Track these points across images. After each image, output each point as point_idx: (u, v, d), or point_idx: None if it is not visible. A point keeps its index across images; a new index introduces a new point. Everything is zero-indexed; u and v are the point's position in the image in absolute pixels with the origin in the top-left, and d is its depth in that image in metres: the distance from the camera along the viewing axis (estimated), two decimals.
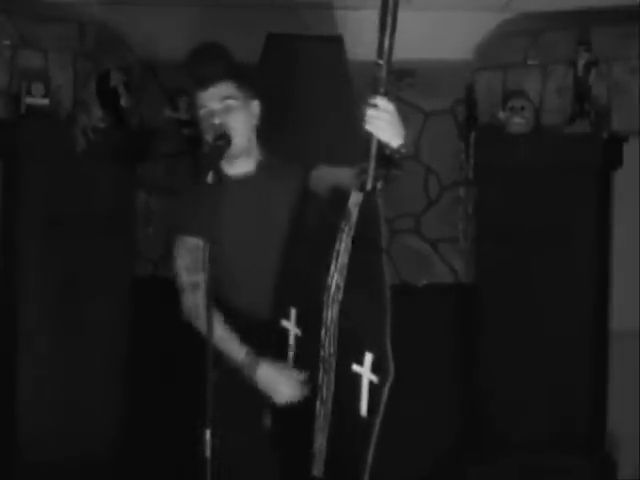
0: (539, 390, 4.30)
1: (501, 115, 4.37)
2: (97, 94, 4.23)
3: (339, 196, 2.45)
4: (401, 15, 2.28)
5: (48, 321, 4.15)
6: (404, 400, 4.30)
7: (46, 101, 4.12)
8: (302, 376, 2.57)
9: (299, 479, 2.60)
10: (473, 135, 4.42)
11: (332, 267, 2.41)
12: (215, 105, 2.62)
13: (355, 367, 2.35)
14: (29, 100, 4.09)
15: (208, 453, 2.37)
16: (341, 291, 2.39)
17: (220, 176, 2.52)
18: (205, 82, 2.62)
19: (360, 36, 4.26)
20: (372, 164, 2.33)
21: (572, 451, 4.28)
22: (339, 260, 2.39)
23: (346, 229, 2.39)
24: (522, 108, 4.33)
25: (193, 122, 4.40)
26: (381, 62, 2.27)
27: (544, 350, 4.29)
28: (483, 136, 4.42)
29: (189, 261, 2.65)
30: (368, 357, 2.31)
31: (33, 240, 4.14)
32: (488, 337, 4.39)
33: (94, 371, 4.21)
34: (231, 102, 2.63)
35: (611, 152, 4.27)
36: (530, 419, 4.31)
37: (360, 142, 2.39)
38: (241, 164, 2.70)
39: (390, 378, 2.28)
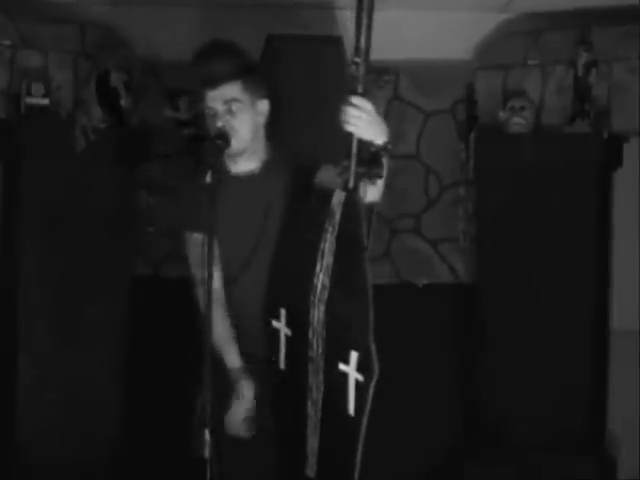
0: (539, 390, 4.30)
1: (501, 115, 4.37)
2: (97, 94, 4.23)
3: (325, 195, 2.44)
4: (401, 15, 2.29)
5: (48, 321, 4.15)
6: (404, 400, 4.31)
7: (46, 101, 4.11)
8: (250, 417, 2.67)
9: (293, 479, 2.60)
10: (473, 135, 4.42)
11: (318, 267, 2.41)
12: (219, 106, 2.62)
13: (342, 366, 2.34)
14: (29, 100, 4.09)
15: (207, 453, 2.37)
16: (327, 291, 2.39)
17: (220, 175, 2.52)
18: (210, 82, 2.61)
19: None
20: (353, 163, 2.31)
21: (572, 451, 4.28)
22: (324, 260, 2.39)
23: (330, 229, 2.39)
24: (522, 108, 4.33)
25: (193, 122, 4.45)
26: (358, 61, 2.23)
27: (544, 350, 4.29)
28: (483, 136, 4.42)
29: (198, 257, 2.62)
30: (354, 356, 2.30)
31: (33, 240, 4.14)
32: (488, 337, 4.39)
33: (94, 371, 4.21)
34: (234, 104, 2.63)
35: (611, 152, 4.27)
36: (530, 419, 4.31)
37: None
38: (245, 162, 2.71)
39: (375, 377, 2.25)
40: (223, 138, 2.58)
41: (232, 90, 2.62)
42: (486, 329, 4.40)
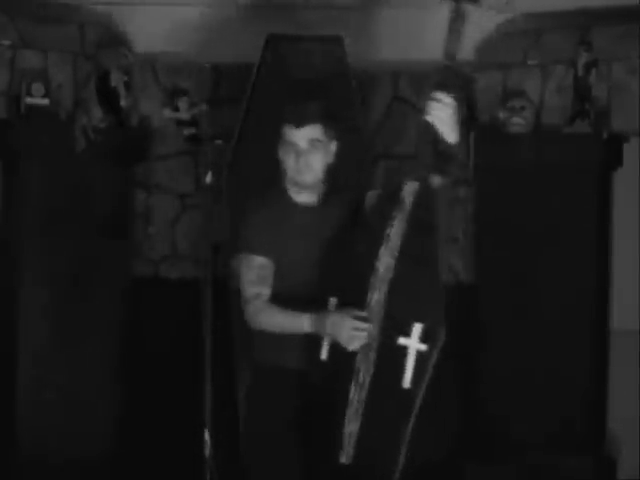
0: (539, 390, 4.30)
1: (501, 115, 4.37)
2: (97, 94, 4.24)
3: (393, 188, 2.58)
4: (402, 14, 2.30)
5: (48, 321, 4.15)
6: None
7: (46, 101, 4.13)
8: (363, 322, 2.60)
9: (326, 466, 2.59)
10: (473, 135, 4.43)
11: (382, 250, 2.50)
12: (302, 144, 2.75)
13: (401, 340, 2.44)
14: (29, 100, 4.10)
15: (207, 453, 2.38)
16: (391, 270, 2.49)
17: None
18: (297, 121, 2.75)
19: (361, 36, 4.27)
20: (428, 153, 2.49)
21: (572, 451, 4.28)
22: (390, 243, 2.51)
23: (399, 216, 2.51)
24: (522, 108, 4.33)
25: (193, 122, 4.44)
26: (449, 64, 2.54)
27: (544, 350, 4.29)
28: (483, 136, 4.42)
29: (254, 276, 2.76)
30: (417, 327, 2.43)
31: (33, 240, 4.14)
32: (488, 337, 4.39)
33: (93, 371, 4.22)
34: (316, 144, 2.76)
35: (611, 152, 4.27)
36: (530, 419, 4.31)
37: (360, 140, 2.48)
38: (308, 194, 2.81)
39: (439, 344, 2.44)
40: None
41: (316, 130, 2.76)
42: (486, 329, 4.40)
